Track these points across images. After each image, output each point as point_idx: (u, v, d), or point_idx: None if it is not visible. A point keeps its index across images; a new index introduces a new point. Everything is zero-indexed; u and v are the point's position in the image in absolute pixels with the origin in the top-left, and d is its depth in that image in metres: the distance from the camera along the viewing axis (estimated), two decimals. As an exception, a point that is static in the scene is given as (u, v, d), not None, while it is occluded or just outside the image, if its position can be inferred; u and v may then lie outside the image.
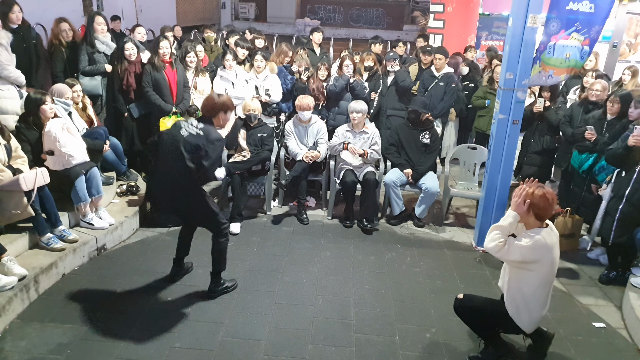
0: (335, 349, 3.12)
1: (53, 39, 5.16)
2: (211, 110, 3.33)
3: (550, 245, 2.75)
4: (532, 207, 2.75)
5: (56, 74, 5.10)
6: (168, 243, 4.32)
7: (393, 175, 4.93)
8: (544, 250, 2.73)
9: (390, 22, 14.65)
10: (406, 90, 5.75)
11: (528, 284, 2.81)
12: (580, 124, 4.64)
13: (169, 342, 3.08)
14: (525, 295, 2.83)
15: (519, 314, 2.86)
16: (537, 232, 2.75)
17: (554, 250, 2.79)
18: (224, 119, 3.40)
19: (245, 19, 13.87)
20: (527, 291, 2.82)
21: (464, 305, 3.02)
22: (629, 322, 3.54)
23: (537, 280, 2.80)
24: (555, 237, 2.83)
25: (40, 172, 3.63)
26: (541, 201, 2.74)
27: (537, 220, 2.79)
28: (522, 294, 2.83)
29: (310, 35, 7.06)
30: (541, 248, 2.72)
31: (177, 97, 5.22)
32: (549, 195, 2.76)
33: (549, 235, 2.77)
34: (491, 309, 2.96)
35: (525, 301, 2.84)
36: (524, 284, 2.83)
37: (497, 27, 7.87)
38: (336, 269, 4.09)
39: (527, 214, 2.79)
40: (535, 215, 2.77)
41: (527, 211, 2.77)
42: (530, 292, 2.82)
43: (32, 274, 3.41)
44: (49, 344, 3.00)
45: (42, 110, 3.91)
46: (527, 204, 2.75)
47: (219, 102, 3.34)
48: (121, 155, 4.98)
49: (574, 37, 4.00)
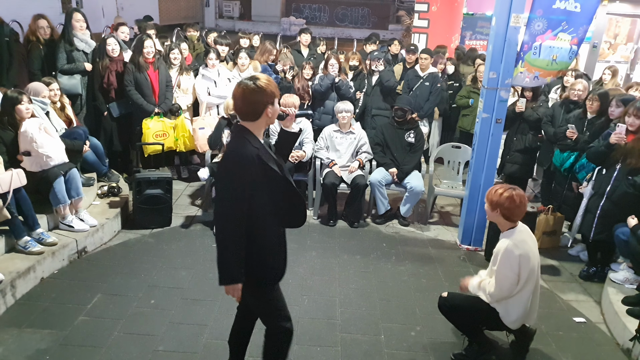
0: (321, 348, 3.11)
1: (30, 36, 5.03)
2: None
3: (519, 240, 2.80)
4: (500, 207, 2.81)
5: (34, 72, 4.98)
6: (150, 245, 4.25)
7: (378, 174, 4.94)
8: (513, 248, 2.77)
9: (375, 22, 14.71)
10: (391, 90, 5.76)
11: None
12: (562, 123, 4.70)
13: (152, 346, 3.03)
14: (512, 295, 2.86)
15: (508, 313, 2.88)
16: (503, 245, 2.80)
17: (527, 245, 2.83)
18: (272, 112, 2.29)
19: (229, 18, 13.78)
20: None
21: (449, 304, 3.03)
22: (607, 317, 3.60)
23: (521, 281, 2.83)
24: (525, 234, 2.88)
25: (16, 174, 3.54)
26: (507, 202, 2.79)
27: (506, 221, 2.85)
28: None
29: (299, 36, 7.03)
30: (510, 248, 2.77)
31: (160, 96, 5.16)
32: (516, 196, 2.80)
33: (518, 233, 2.84)
34: (475, 307, 2.97)
35: (513, 300, 2.86)
36: None
37: (481, 27, 7.94)
38: (322, 268, 4.07)
39: (496, 215, 2.85)
40: (503, 215, 2.84)
41: (495, 212, 2.83)
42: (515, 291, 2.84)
43: (8, 279, 3.31)
44: (27, 349, 2.92)
45: (18, 110, 3.80)
46: (494, 204, 2.82)
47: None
48: (102, 155, 4.88)
49: (561, 38, 4.02)
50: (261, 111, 2.20)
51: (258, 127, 2.26)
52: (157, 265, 3.93)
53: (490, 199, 2.87)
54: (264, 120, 2.24)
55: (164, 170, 4.70)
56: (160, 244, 4.25)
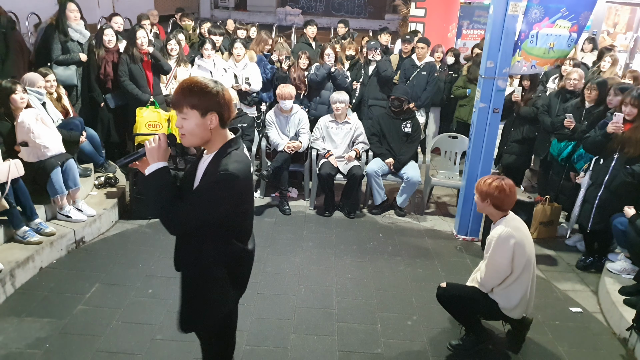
0: (318, 337, 3.13)
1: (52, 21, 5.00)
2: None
3: (512, 227, 2.82)
4: (490, 197, 2.83)
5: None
6: (148, 235, 4.26)
7: (375, 165, 4.94)
8: (508, 237, 2.79)
9: (371, 11, 14.62)
10: (388, 80, 5.74)
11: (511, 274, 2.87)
12: (559, 112, 4.69)
13: (150, 334, 3.05)
14: (506, 284, 2.88)
15: (509, 301, 2.90)
16: (497, 232, 2.83)
17: (521, 232, 2.85)
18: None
19: (225, 8, 13.68)
20: (509, 279, 2.87)
21: (448, 294, 3.04)
22: (604, 307, 3.62)
23: (518, 269, 2.85)
24: (518, 221, 2.90)
25: (13, 164, 3.53)
26: (497, 191, 2.81)
27: (497, 210, 2.88)
28: (505, 283, 2.88)
29: (304, 29, 6.99)
30: (505, 236, 2.79)
31: (154, 87, 5.13)
32: (506, 185, 2.83)
33: (510, 221, 2.86)
34: (475, 297, 2.99)
35: (511, 288, 2.88)
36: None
37: (479, 16, 7.86)
38: (318, 258, 4.09)
39: (486, 205, 2.86)
40: (494, 205, 2.86)
41: (486, 202, 2.85)
42: (511, 279, 2.87)
43: (7, 268, 3.32)
44: (27, 338, 2.94)
45: (13, 100, 3.78)
46: (484, 195, 2.85)
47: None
48: (98, 146, 4.87)
49: (559, 25, 3.98)
50: None
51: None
52: (155, 255, 3.94)
53: (480, 190, 2.89)
54: None
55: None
56: (157, 234, 4.26)
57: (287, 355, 2.97)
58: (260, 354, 2.96)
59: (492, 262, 2.84)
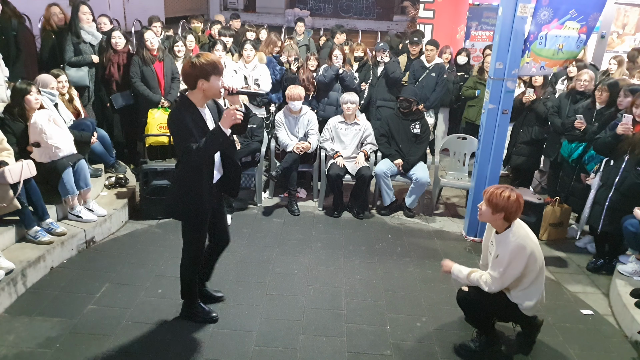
0: (327, 339, 3.13)
1: (45, 25, 5.07)
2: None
3: (523, 237, 2.81)
4: (505, 211, 2.79)
5: (45, 62, 5.01)
6: (158, 235, 4.29)
7: (384, 165, 4.93)
8: (524, 248, 2.77)
9: (380, 13, 14.59)
10: (396, 82, 5.74)
11: (526, 278, 2.87)
12: (569, 114, 4.66)
13: (160, 334, 3.06)
14: (524, 286, 2.88)
15: (530, 299, 2.90)
16: (507, 238, 2.81)
17: (530, 239, 2.83)
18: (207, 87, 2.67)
19: (234, 9, 13.72)
20: (526, 282, 2.87)
21: (470, 298, 2.99)
22: (616, 309, 3.59)
23: (534, 273, 2.85)
24: (524, 228, 2.89)
25: (26, 165, 3.58)
26: (514, 206, 2.78)
27: (505, 221, 2.85)
28: (523, 286, 2.88)
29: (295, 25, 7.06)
30: (520, 248, 2.77)
31: (165, 89, 5.17)
32: (520, 198, 2.81)
33: (518, 229, 2.84)
34: (497, 300, 2.94)
35: (529, 292, 2.89)
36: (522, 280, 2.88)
37: (487, 17, 7.84)
38: (327, 259, 4.09)
39: (497, 217, 2.83)
40: (505, 217, 2.83)
41: (498, 214, 2.82)
42: (528, 282, 2.87)
43: (19, 268, 3.36)
44: (38, 337, 2.97)
45: (27, 101, 3.83)
46: (499, 208, 2.79)
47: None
48: (109, 147, 4.92)
49: (568, 26, 3.96)
50: (193, 83, 2.62)
51: (195, 97, 2.68)
52: (164, 255, 3.97)
53: (494, 203, 2.79)
54: (199, 91, 2.65)
55: (171, 161, 4.73)
56: (167, 234, 4.28)
57: (296, 356, 2.97)
58: (269, 354, 2.97)
59: (506, 274, 2.81)
